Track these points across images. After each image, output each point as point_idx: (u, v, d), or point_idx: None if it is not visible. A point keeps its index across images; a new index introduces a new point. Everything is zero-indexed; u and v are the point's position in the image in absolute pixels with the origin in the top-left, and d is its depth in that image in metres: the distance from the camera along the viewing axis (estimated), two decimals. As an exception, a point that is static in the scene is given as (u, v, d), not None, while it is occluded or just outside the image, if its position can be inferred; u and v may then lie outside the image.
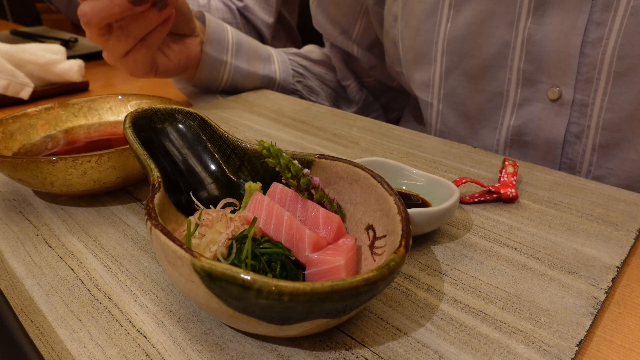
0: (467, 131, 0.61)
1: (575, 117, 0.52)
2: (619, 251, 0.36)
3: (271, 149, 0.32)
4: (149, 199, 0.29)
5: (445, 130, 0.63)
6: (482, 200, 0.42)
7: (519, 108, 0.55)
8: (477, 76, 0.57)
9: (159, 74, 0.64)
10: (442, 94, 0.61)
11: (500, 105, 0.56)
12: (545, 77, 0.52)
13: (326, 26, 0.78)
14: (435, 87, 0.61)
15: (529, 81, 0.53)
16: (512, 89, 0.54)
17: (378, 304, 0.31)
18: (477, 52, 0.55)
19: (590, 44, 0.48)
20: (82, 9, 0.51)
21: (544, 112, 0.53)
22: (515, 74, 0.54)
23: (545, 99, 0.53)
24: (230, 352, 0.27)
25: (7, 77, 0.70)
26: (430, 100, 0.62)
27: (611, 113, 0.49)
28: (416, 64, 0.62)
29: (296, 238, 0.30)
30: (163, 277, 0.33)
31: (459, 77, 0.58)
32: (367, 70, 0.82)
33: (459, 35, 0.56)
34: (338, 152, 0.53)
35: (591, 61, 0.49)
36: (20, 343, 0.26)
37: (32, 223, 0.40)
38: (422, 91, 0.63)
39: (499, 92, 0.56)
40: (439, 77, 0.60)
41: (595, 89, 0.49)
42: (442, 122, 0.63)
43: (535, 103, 0.54)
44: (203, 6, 0.97)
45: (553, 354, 0.27)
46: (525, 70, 0.53)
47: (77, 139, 0.51)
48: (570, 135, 0.53)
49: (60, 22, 2.40)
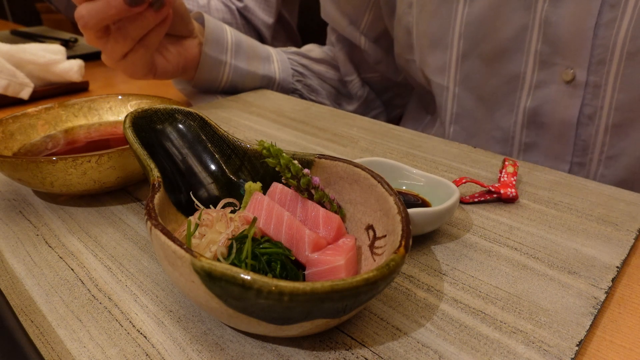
0: (482, 114, 0.62)
1: (588, 99, 0.52)
2: (619, 251, 0.36)
3: (271, 149, 0.32)
4: (149, 199, 0.29)
5: (461, 114, 0.64)
6: (482, 200, 0.42)
7: (534, 90, 0.56)
8: (493, 59, 0.57)
9: (158, 75, 0.64)
10: (458, 78, 0.62)
11: (517, 87, 0.57)
12: (561, 59, 0.53)
13: (335, 16, 0.78)
14: (451, 70, 0.62)
15: (545, 63, 0.54)
16: (528, 71, 0.55)
17: (378, 304, 0.31)
18: (494, 36, 0.56)
19: (603, 26, 0.49)
20: (78, 12, 0.51)
21: (558, 94, 0.54)
22: (532, 57, 0.54)
23: (560, 81, 0.53)
24: (230, 352, 0.27)
25: (7, 77, 0.70)
26: (446, 84, 0.63)
27: (624, 93, 0.50)
28: (431, 48, 0.63)
29: (296, 238, 0.30)
30: (163, 277, 0.33)
31: (475, 60, 0.59)
32: (372, 65, 0.82)
33: (476, 19, 0.57)
34: (338, 152, 0.53)
35: (604, 43, 0.49)
36: (20, 343, 0.26)
37: (32, 223, 0.40)
38: (438, 75, 0.63)
39: (516, 75, 0.56)
40: (455, 60, 0.60)
41: (608, 70, 0.50)
42: (458, 106, 0.63)
43: (550, 85, 0.54)
44: (203, 7, 0.97)
45: (553, 354, 0.27)
46: (542, 52, 0.54)
47: (77, 139, 0.51)
48: (583, 117, 0.54)
49: (60, 22, 2.40)
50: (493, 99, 0.60)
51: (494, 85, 0.59)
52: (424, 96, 0.78)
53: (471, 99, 0.62)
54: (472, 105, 0.62)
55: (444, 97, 0.65)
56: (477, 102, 0.62)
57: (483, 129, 0.62)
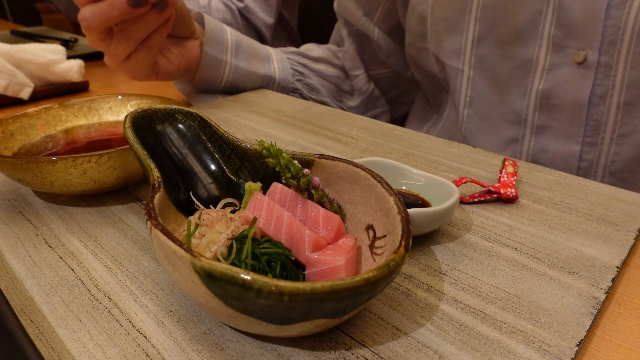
0: (496, 97, 0.63)
1: (600, 79, 0.54)
2: (619, 251, 0.36)
3: (271, 149, 0.32)
4: (149, 199, 0.29)
5: (475, 97, 0.65)
6: (482, 200, 0.42)
7: (547, 73, 0.57)
8: (508, 43, 0.59)
9: (160, 76, 0.64)
10: (473, 61, 0.63)
11: (530, 71, 0.59)
12: (573, 41, 0.54)
13: (350, 7, 0.80)
14: (466, 54, 0.63)
15: (558, 47, 0.55)
16: (542, 54, 0.57)
17: (378, 304, 0.31)
18: (510, 20, 0.58)
19: (614, 7, 0.50)
20: (82, 14, 0.51)
21: (570, 75, 0.55)
22: (545, 41, 0.56)
23: (572, 63, 0.55)
24: (230, 352, 0.27)
25: (7, 77, 0.70)
26: (461, 67, 0.65)
27: (636, 71, 0.51)
28: (447, 32, 0.64)
29: (296, 238, 0.30)
30: (163, 277, 0.33)
31: (490, 44, 0.61)
32: (383, 59, 0.83)
33: (493, 4, 0.58)
34: (338, 152, 0.53)
35: (615, 23, 0.51)
36: (20, 343, 0.26)
37: (32, 223, 0.40)
38: (453, 59, 0.65)
39: (529, 59, 0.58)
40: (470, 44, 0.62)
41: (619, 49, 0.51)
42: (472, 89, 0.65)
43: (562, 67, 0.56)
44: (203, 7, 0.97)
45: (553, 354, 0.27)
46: (555, 36, 0.55)
47: (77, 139, 0.51)
48: (594, 97, 0.55)
49: (60, 22, 2.39)
50: (506, 82, 0.61)
51: (507, 69, 0.60)
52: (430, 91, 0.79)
53: (485, 82, 0.64)
54: (486, 88, 0.64)
55: (459, 81, 0.66)
56: (490, 85, 0.63)
57: (496, 112, 0.64)
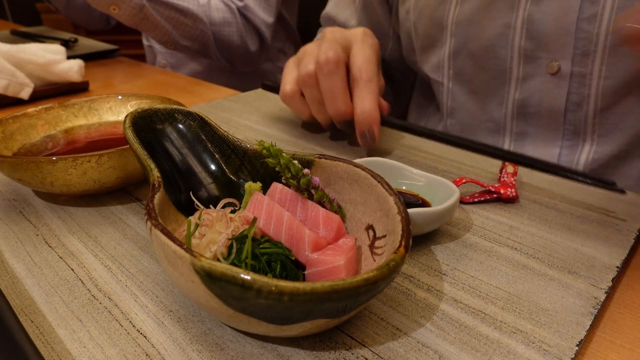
0: (475, 107, 0.65)
1: (575, 88, 0.55)
2: (619, 251, 0.36)
3: (271, 149, 0.32)
4: (149, 199, 0.29)
5: (456, 107, 0.68)
6: (482, 200, 0.42)
7: (522, 83, 0.59)
8: (481, 56, 0.61)
9: None
10: (451, 74, 0.66)
11: (505, 81, 0.61)
12: (545, 53, 0.56)
13: None
14: (445, 67, 0.66)
15: (529, 58, 0.57)
16: (514, 65, 0.58)
17: (378, 304, 0.31)
18: (481, 34, 0.60)
19: (585, 20, 0.52)
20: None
21: (544, 85, 0.57)
22: (516, 52, 0.58)
23: (545, 73, 0.57)
24: (230, 352, 0.27)
25: (7, 77, 0.70)
26: (441, 80, 0.68)
27: (610, 80, 0.53)
28: (430, 48, 0.67)
29: (296, 238, 0.30)
30: (163, 277, 0.33)
31: (465, 57, 0.63)
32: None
33: (465, 20, 0.61)
34: (338, 152, 0.53)
35: (587, 36, 0.52)
36: (20, 343, 0.26)
37: (32, 223, 0.40)
38: (434, 72, 0.68)
39: (503, 70, 0.60)
40: (447, 58, 0.65)
41: (593, 60, 0.53)
42: (452, 100, 0.67)
43: (536, 77, 0.58)
44: (203, 5, 0.97)
45: (553, 354, 0.27)
46: (525, 47, 0.57)
47: (77, 139, 0.51)
48: (571, 104, 0.56)
49: (60, 22, 2.39)
50: (484, 93, 0.64)
51: (483, 80, 0.63)
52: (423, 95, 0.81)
53: (464, 93, 0.66)
54: (465, 99, 0.66)
55: (441, 92, 0.69)
56: (469, 96, 0.66)
57: (476, 121, 0.66)
